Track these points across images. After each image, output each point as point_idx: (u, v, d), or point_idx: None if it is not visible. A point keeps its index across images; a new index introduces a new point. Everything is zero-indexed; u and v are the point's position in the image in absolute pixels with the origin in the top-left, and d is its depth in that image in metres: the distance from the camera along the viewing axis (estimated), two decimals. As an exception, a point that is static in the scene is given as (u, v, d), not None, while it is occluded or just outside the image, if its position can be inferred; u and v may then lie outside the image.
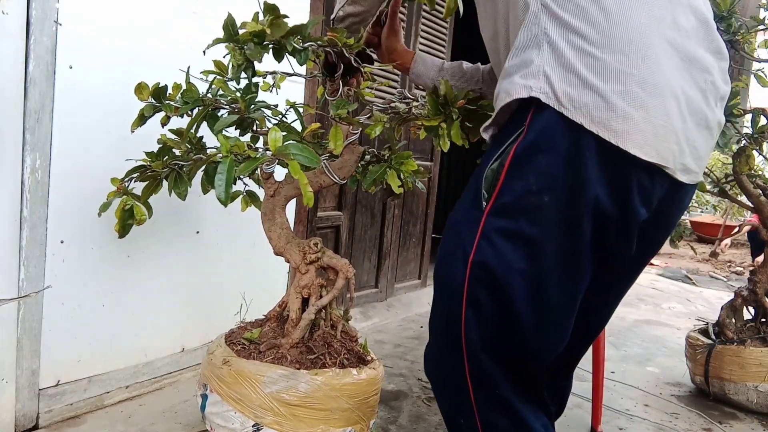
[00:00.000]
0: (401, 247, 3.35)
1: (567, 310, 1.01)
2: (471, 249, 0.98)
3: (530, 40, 0.95)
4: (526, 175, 0.94)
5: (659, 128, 0.90)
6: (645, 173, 0.93)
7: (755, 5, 2.60)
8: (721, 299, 3.68)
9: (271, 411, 1.28)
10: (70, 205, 1.61)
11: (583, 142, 0.90)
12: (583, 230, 0.94)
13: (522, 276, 0.95)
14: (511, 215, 0.95)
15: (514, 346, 1.01)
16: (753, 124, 2.10)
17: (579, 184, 0.91)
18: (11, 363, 1.53)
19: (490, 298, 0.98)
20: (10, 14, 1.42)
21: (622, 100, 0.88)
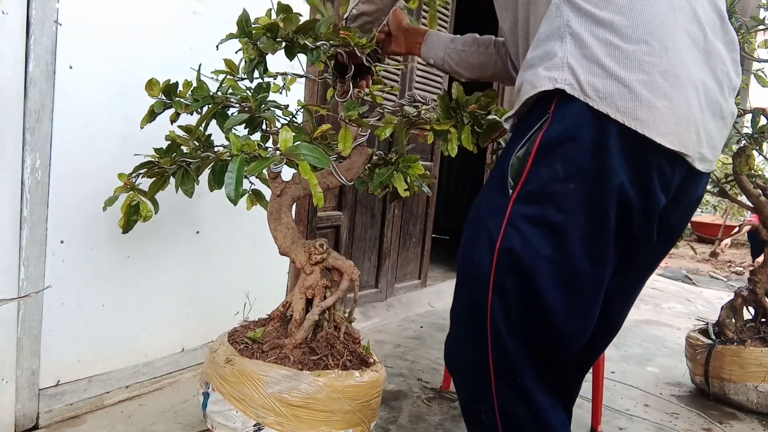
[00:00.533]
0: (401, 247, 3.35)
1: (593, 296, 1.02)
2: (498, 236, 0.99)
3: (552, 32, 0.97)
4: (552, 162, 0.95)
5: (681, 118, 0.92)
6: (666, 161, 0.95)
7: (755, 5, 2.60)
8: (721, 299, 3.68)
9: (272, 411, 1.28)
10: (70, 205, 1.61)
11: (608, 131, 0.92)
12: (608, 217, 0.95)
13: (549, 262, 0.96)
14: (537, 202, 0.97)
15: (542, 333, 1.01)
16: (753, 124, 2.10)
17: (604, 172, 0.93)
18: (11, 363, 1.53)
19: (517, 284, 0.99)
20: (10, 14, 1.42)
21: (646, 90, 0.90)
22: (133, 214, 1.39)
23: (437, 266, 4.25)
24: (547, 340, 1.02)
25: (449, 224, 5.77)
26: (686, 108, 0.93)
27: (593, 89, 0.91)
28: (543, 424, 1.06)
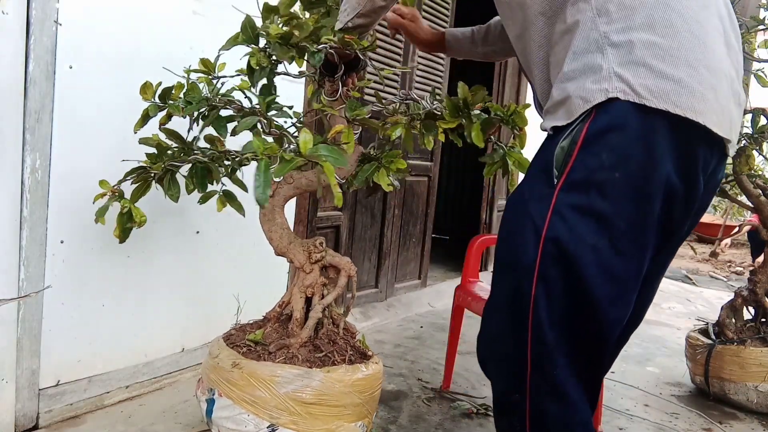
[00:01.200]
0: (401, 247, 3.35)
1: (634, 283, 1.04)
2: (543, 225, 1.00)
3: (590, 44, 1.00)
4: (598, 152, 0.97)
5: (724, 108, 0.99)
6: (709, 150, 1.01)
7: (755, 5, 2.60)
8: (721, 299, 3.67)
9: (286, 411, 1.29)
10: (70, 205, 1.61)
11: (657, 122, 0.95)
12: (653, 205, 0.98)
13: (594, 251, 0.98)
14: (583, 191, 0.98)
15: (584, 323, 1.02)
16: (753, 124, 2.10)
17: (651, 162, 0.96)
18: (11, 363, 1.53)
19: (562, 274, 1.00)
20: (10, 14, 1.42)
21: (697, 83, 0.95)
22: (126, 222, 1.39)
23: (437, 266, 4.25)
24: (588, 331, 1.03)
25: (449, 224, 5.77)
26: (725, 99, 0.99)
27: (647, 90, 0.94)
28: (570, 418, 1.07)
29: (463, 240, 2.75)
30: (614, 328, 1.05)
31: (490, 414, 1.89)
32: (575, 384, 1.06)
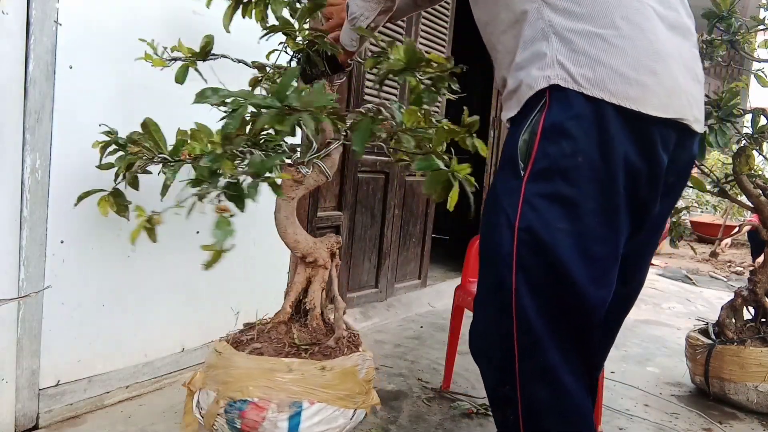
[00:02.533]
0: (401, 247, 3.35)
1: (612, 262, 1.07)
2: (515, 216, 1.03)
3: (536, 33, 1.04)
4: (558, 140, 1.01)
5: (670, 89, 1.02)
6: (665, 127, 1.04)
7: (755, 5, 2.60)
8: (721, 299, 3.67)
9: (363, 394, 1.43)
10: (70, 205, 1.61)
11: (605, 112, 0.99)
12: (617, 184, 1.02)
13: (567, 235, 1.01)
14: (548, 179, 1.02)
15: (567, 306, 1.04)
16: (753, 124, 2.10)
17: (608, 143, 1.00)
18: (11, 363, 1.53)
19: (539, 260, 1.03)
20: (10, 14, 1.42)
21: (633, 70, 0.99)
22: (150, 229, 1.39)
23: (437, 266, 4.25)
24: (572, 314, 1.05)
25: (449, 224, 5.76)
26: (672, 79, 1.02)
27: (585, 79, 0.99)
28: (564, 403, 1.08)
29: (463, 240, 2.75)
30: (598, 308, 1.07)
31: (490, 414, 1.89)
32: (567, 370, 1.07)
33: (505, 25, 1.10)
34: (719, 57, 2.26)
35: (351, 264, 2.95)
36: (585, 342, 1.09)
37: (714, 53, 2.24)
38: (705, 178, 2.39)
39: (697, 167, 2.31)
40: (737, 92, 1.99)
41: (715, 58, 2.26)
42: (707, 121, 1.94)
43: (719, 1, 2.17)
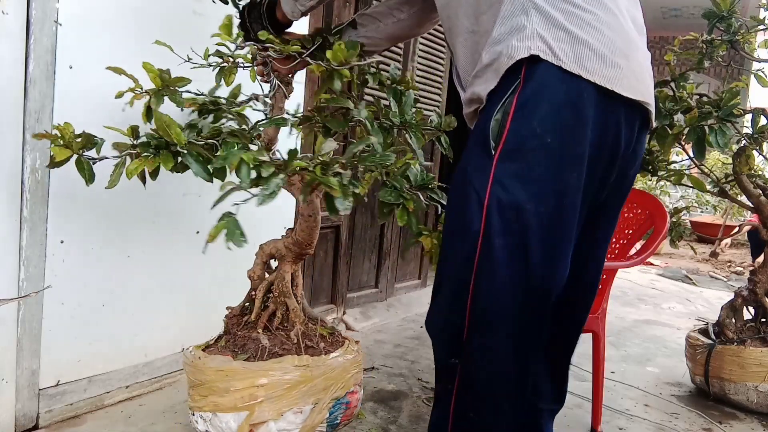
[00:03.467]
0: (401, 247, 3.35)
1: (569, 246, 1.11)
2: (485, 194, 1.05)
3: (516, 8, 1.06)
4: (529, 120, 1.03)
5: (638, 73, 1.08)
6: (630, 111, 1.09)
7: (755, 5, 2.60)
8: (721, 299, 3.67)
9: None
10: (70, 205, 1.61)
11: (580, 88, 1.02)
12: (582, 167, 1.05)
13: (534, 215, 1.04)
14: (518, 158, 1.04)
15: (525, 286, 1.07)
16: (753, 124, 2.09)
17: (578, 125, 1.03)
18: (11, 363, 1.53)
19: (504, 240, 1.05)
20: (10, 14, 1.42)
21: (609, 51, 1.04)
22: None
23: (437, 266, 4.25)
24: (528, 294, 1.08)
25: (449, 224, 5.75)
26: (639, 66, 1.09)
27: (564, 53, 1.02)
28: (499, 380, 1.11)
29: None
30: (552, 291, 1.10)
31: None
32: (511, 350, 1.10)
33: (485, 7, 1.13)
34: (719, 57, 2.26)
35: (351, 264, 2.95)
36: (536, 324, 1.12)
37: (714, 53, 2.24)
38: (705, 178, 2.39)
39: (697, 167, 2.31)
40: (737, 92, 1.98)
41: (715, 58, 2.26)
42: (707, 121, 1.94)
43: (719, 1, 2.17)
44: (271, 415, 1.33)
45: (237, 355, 1.39)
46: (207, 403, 1.35)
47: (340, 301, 2.87)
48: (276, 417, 1.34)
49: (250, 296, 1.50)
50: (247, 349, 1.40)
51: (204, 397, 1.35)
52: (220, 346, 1.44)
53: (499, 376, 1.11)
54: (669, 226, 2.19)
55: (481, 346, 1.10)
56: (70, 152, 1.26)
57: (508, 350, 1.10)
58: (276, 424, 1.34)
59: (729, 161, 2.27)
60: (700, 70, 2.30)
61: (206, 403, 1.35)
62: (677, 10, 7.44)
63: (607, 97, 1.04)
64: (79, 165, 1.28)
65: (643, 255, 1.96)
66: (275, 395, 1.33)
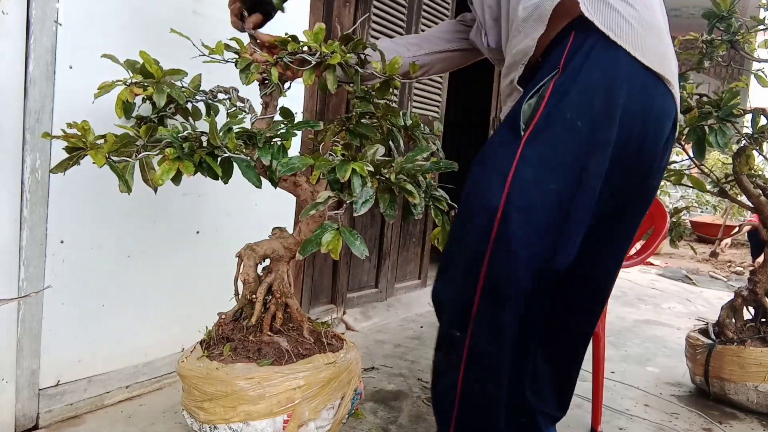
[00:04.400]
0: (401, 247, 3.35)
1: (584, 225, 1.13)
2: (509, 171, 1.08)
3: None
4: (562, 106, 1.06)
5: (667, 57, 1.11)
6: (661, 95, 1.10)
7: (755, 5, 2.60)
8: (721, 299, 3.67)
9: None
10: (70, 205, 1.61)
11: (617, 66, 1.05)
12: (607, 153, 1.07)
13: (554, 195, 1.07)
14: (547, 141, 1.07)
15: (540, 263, 1.10)
16: (753, 124, 2.09)
17: (608, 112, 1.05)
18: (11, 363, 1.53)
19: (522, 217, 1.07)
20: (10, 14, 1.42)
21: (641, 27, 1.07)
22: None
23: (437, 266, 4.25)
24: (540, 273, 1.10)
25: (449, 224, 5.75)
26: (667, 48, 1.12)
27: (602, 19, 1.05)
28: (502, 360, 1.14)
29: (463, 240, 2.74)
30: (556, 273, 1.12)
31: (490, 414, 1.89)
32: (516, 328, 1.12)
33: None
34: (719, 57, 2.26)
35: (351, 264, 2.95)
36: (541, 305, 1.14)
37: (714, 53, 2.24)
38: (705, 178, 2.39)
39: (697, 167, 2.31)
40: (737, 92, 1.98)
41: (715, 58, 2.26)
42: (707, 121, 1.94)
43: (719, 1, 2.17)
44: (311, 415, 1.33)
45: (259, 360, 1.36)
46: (237, 414, 1.31)
47: (340, 301, 2.87)
48: (315, 416, 1.34)
49: (246, 299, 1.48)
50: (265, 354, 1.38)
51: (231, 408, 1.31)
52: (228, 354, 1.39)
53: (506, 349, 1.14)
54: (669, 226, 2.19)
55: (492, 321, 1.12)
56: (104, 156, 1.18)
57: (514, 328, 1.12)
58: (315, 423, 1.35)
59: (729, 161, 2.27)
60: (700, 70, 2.30)
61: (236, 414, 1.31)
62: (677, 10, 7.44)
63: (642, 74, 1.06)
64: (116, 171, 1.19)
65: (643, 255, 1.96)
66: (311, 395, 1.33)
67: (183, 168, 1.14)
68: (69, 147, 1.20)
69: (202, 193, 1.94)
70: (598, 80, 1.05)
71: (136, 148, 1.22)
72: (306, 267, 2.58)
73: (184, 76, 1.40)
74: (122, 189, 1.17)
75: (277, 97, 1.43)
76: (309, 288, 2.65)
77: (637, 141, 1.10)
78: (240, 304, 1.49)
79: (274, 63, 1.34)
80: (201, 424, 1.37)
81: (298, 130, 1.29)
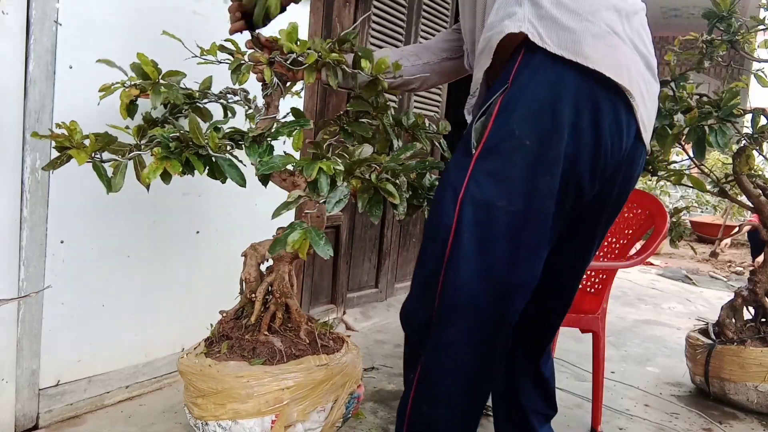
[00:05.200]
0: (401, 247, 3.35)
1: (539, 247, 1.12)
2: (461, 189, 1.10)
3: (511, 0, 1.11)
4: (510, 122, 1.07)
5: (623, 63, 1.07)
6: (615, 107, 1.08)
7: (755, 5, 2.60)
8: (721, 299, 3.67)
9: None
10: (70, 205, 1.61)
11: (562, 80, 1.05)
12: (556, 171, 1.07)
13: (504, 213, 1.07)
14: (496, 157, 1.08)
15: (488, 280, 1.10)
16: (753, 124, 2.09)
17: (555, 129, 1.05)
18: (11, 363, 1.54)
19: (473, 233, 1.08)
20: (10, 14, 1.42)
21: (592, 37, 1.06)
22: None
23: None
24: (489, 290, 1.10)
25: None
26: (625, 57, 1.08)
27: (549, 38, 1.06)
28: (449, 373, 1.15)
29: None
30: (516, 292, 1.12)
31: (489, 414, 1.88)
32: (469, 345, 1.13)
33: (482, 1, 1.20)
34: (719, 57, 2.26)
35: (351, 264, 2.95)
36: (496, 323, 1.13)
37: (714, 53, 2.24)
38: (705, 178, 2.39)
39: (697, 167, 2.31)
40: (737, 92, 1.98)
41: (715, 58, 2.26)
42: (707, 121, 1.94)
43: (719, 1, 2.17)
44: (299, 417, 1.33)
45: (251, 359, 1.36)
46: (226, 411, 1.32)
47: (340, 301, 2.87)
48: (303, 418, 1.34)
49: (247, 298, 1.49)
50: (259, 353, 1.38)
51: (221, 405, 1.32)
52: (224, 352, 1.41)
53: (454, 370, 1.14)
54: (669, 226, 2.19)
55: (441, 338, 1.14)
56: (87, 155, 1.19)
57: (465, 344, 1.13)
58: (303, 425, 1.35)
59: (729, 161, 2.27)
60: (700, 70, 2.30)
61: (225, 411, 1.32)
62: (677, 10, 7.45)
63: (592, 82, 1.05)
64: (97, 170, 1.20)
65: (643, 255, 1.96)
66: (300, 396, 1.33)
67: (170, 167, 1.16)
68: (58, 146, 1.20)
69: (202, 193, 1.94)
70: (545, 96, 1.05)
71: (129, 147, 1.22)
72: (306, 267, 2.58)
73: (183, 77, 1.40)
74: (110, 189, 1.18)
75: (278, 97, 1.43)
76: (309, 288, 2.65)
77: (590, 153, 1.08)
78: (241, 303, 1.50)
79: (267, 63, 1.34)
80: (195, 420, 1.39)
81: (290, 129, 1.30)
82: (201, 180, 1.44)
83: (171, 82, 1.37)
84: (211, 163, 1.22)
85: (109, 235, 1.71)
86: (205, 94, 1.45)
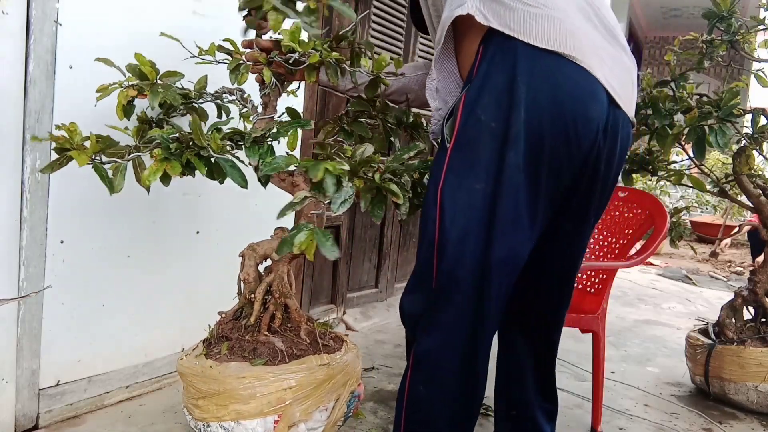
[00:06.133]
0: (401, 247, 3.35)
1: (517, 221, 1.15)
2: (440, 180, 1.15)
3: None
4: (475, 111, 1.12)
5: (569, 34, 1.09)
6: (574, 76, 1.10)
7: (755, 5, 2.60)
8: (721, 299, 3.67)
9: None
10: (70, 205, 1.61)
11: (517, 58, 1.09)
12: (518, 147, 1.10)
13: (481, 194, 1.12)
14: (467, 145, 1.14)
15: (474, 260, 1.14)
16: (753, 124, 2.09)
17: (513, 107, 1.09)
18: (11, 363, 1.54)
19: (454, 219, 1.13)
20: (10, 14, 1.42)
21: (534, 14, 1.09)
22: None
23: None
24: (474, 270, 1.14)
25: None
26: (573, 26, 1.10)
27: (495, 17, 1.10)
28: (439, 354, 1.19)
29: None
30: (497, 268, 1.15)
31: (489, 414, 1.89)
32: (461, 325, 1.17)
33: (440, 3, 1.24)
34: (719, 57, 2.26)
35: (351, 264, 2.95)
36: (486, 299, 1.16)
37: (714, 53, 2.24)
38: (705, 178, 2.39)
39: (697, 167, 2.31)
40: (737, 92, 1.98)
41: (715, 58, 2.26)
42: (707, 121, 1.94)
43: (719, 1, 2.17)
44: (301, 416, 1.33)
45: (253, 360, 1.36)
46: (228, 413, 1.31)
47: (340, 301, 2.87)
48: (306, 417, 1.34)
49: (246, 299, 1.48)
50: (260, 354, 1.38)
51: (223, 407, 1.32)
52: (225, 353, 1.40)
53: (447, 350, 1.18)
54: (669, 226, 2.19)
55: (432, 320, 1.18)
56: (87, 157, 1.19)
57: (455, 324, 1.17)
58: (306, 425, 1.35)
59: (729, 161, 2.27)
60: (700, 70, 2.30)
61: (227, 413, 1.32)
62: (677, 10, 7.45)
63: (541, 58, 1.08)
64: (99, 172, 1.19)
65: (643, 255, 1.96)
66: (302, 396, 1.33)
67: (169, 169, 1.16)
68: (57, 148, 1.20)
69: (202, 193, 1.94)
70: (503, 79, 1.10)
71: (128, 149, 1.22)
72: (306, 267, 2.58)
73: (181, 77, 1.40)
74: (113, 191, 1.18)
75: (276, 97, 1.43)
76: (309, 288, 2.65)
77: (553, 125, 1.10)
78: (240, 304, 1.50)
79: (266, 63, 1.34)
80: (196, 421, 1.38)
81: (289, 129, 1.30)
82: (201, 180, 1.43)
83: (169, 82, 1.36)
84: (210, 164, 1.22)
85: (109, 235, 1.71)
86: (201, 94, 1.45)
